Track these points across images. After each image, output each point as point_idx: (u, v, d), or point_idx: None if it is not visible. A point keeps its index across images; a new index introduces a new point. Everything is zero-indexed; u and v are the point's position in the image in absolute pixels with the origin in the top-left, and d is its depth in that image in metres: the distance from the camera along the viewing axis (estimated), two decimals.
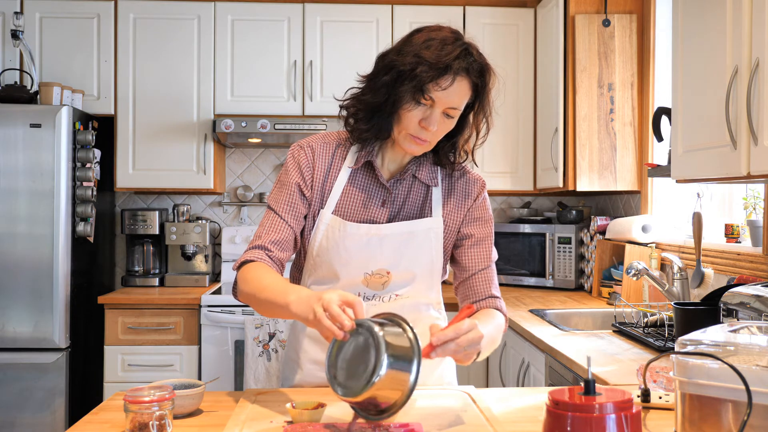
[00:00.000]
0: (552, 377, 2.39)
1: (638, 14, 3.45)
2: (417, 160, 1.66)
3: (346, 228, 1.61)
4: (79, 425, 1.42)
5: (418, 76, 1.47)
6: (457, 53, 1.49)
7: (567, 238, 3.71)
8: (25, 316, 3.29)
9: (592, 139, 3.40)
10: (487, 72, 1.57)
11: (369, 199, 1.64)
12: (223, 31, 3.79)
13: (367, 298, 1.63)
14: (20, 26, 3.53)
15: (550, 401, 1.12)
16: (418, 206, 1.66)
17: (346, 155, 1.65)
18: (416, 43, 1.51)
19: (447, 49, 1.49)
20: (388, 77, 1.51)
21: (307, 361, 1.69)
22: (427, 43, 1.49)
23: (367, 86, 1.57)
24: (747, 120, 1.84)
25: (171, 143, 3.77)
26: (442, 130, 1.56)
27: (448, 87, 1.49)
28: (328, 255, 1.62)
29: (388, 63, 1.52)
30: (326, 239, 1.62)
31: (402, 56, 1.50)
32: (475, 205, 1.70)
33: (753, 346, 1.17)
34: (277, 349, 3.29)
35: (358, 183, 1.64)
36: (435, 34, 1.52)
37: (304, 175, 1.63)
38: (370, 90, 1.56)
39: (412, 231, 1.63)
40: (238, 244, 4.00)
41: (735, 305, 1.91)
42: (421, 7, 3.83)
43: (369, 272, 1.62)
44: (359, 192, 1.64)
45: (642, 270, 2.69)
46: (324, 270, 1.63)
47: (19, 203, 3.30)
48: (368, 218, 1.63)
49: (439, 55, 1.47)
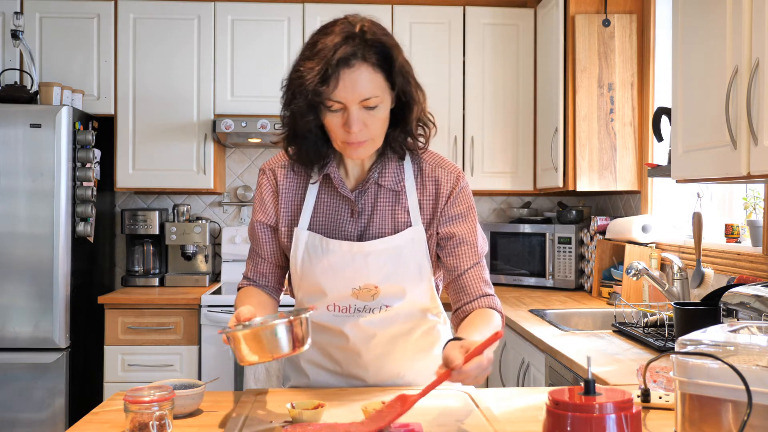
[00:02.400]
0: (552, 377, 2.39)
1: (638, 14, 3.45)
2: (379, 163, 1.58)
3: (327, 245, 1.56)
4: (79, 425, 1.42)
5: (306, 88, 1.39)
6: (333, 45, 1.38)
7: (567, 238, 3.71)
8: (25, 316, 3.29)
9: (592, 139, 3.40)
10: (386, 45, 1.43)
11: (337, 213, 1.59)
12: (223, 31, 3.79)
13: (358, 310, 1.59)
14: (20, 26, 3.53)
15: (550, 401, 1.12)
16: (390, 214, 1.58)
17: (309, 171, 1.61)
18: (297, 58, 1.45)
19: (320, 46, 1.40)
20: (288, 99, 1.46)
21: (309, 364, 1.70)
22: (304, 51, 1.43)
23: (283, 115, 1.52)
24: (747, 120, 1.84)
25: (171, 143, 3.77)
26: (372, 124, 1.46)
27: (340, 84, 1.39)
28: (312, 272, 1.58)
29: (284, 86, 1.47)
30: (308, 256, 1.58)
31: (289, 75, 1.45)
32: (450, 202, 1.59)
33: (753, 346, 1.17)
34: None
35: (324, 197, 1.60)
36: (314, 38, 1.44)
37: (266, 208, 1.63)
38: (284, 118, 1.51)
39: (397, 246, 1.56)
40: (238, 244, 4.00)
41: (735, 305, 1.91)
42: (420, 7, 3.84)
43: (357, 287, 1.57)
44: (327, 206, 1.60)
45: (642, 270, 2.69)
46: (310, 285, 1.60)
47: (19, 203, 3.30)
48: (342, 232, 1.58)
49: (313, 56, 1.40)
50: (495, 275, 3.91)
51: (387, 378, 1.67)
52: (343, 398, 1.54)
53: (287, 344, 1.29)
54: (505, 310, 3.04)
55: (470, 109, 3.86)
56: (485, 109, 3.88)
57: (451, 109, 3.85)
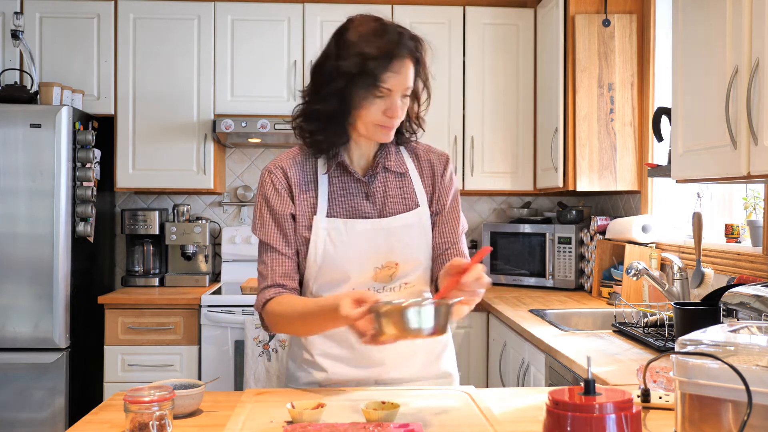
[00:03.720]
0: (552, 377, 2.39)
1: (638, 14, 3.45)
2: (383, 150, 1.71)
3: (353, 226, 1.63)
4: (79, 425, 1.42)
5: (371, 72, 1.52)
6: (395, 38, 1.55)
7: (567, 238, 3.71)
8: (25, 316, 3.29)
9: (592, 139, 3.40)
10: (421, 43, 1.61)
11: (353, 197, 1.67)
12: (223, 31, 3.79)
13: (377, 291, 1.65)
14: (20, 26, 3.53)
15: (550, 401, 1.12)
16: (400, 195, 1.70)
17: (315, 164, 1.68)
18: (352, 42, 1.56)
19: (386, 37, 1.55)
20: (339, 83, 1.55)
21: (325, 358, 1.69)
22: (363, 39, 1.55)
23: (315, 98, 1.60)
24: (747, 120, 1.84)
25: (171, 143, 3.77)
26: (403, 112, 1.62)
27: (400, 71, 1.54)
28: (335, 257, 1.63)
29: (333, 70, 1.56)
30: (331, 243, 1.62)
31: (345, 59, 1.54)
32: (443, 182, 1.74)
33: (753, 346, 1.17)
34: (277, 349, 3.29)
35: (337, 185, 1.67)
36: (363, 28, 1.58)
37: (283, 198, 1.65)
38: (319, 101, 1.59)
39: (410, 223, 1.68)
40: (238, 244, 4.00)
41: (735, 305, 1.91)
42: (420, 6, 3.84)
43: (379, 266, 1.64)
44: (342, 193, 1.67)
45: (642, 270, 2.69)
46: (332, 273, 1.64)
47: (19, 203, 3.30)
48: (362, 213, 1.66)
49: (381, 46, 1.53)
50: (495, 275, 3.91)
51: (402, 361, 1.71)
52: (343, 398, 1.54)
53: (434, 325, 1.33)
54: (505, 310, 3.04)
55: (470, 109, 3.86)
56: (485, 109, 3.88)
57: (451, 109, 3.85)
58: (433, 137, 3.85)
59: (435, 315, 1.32)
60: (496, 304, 3.24)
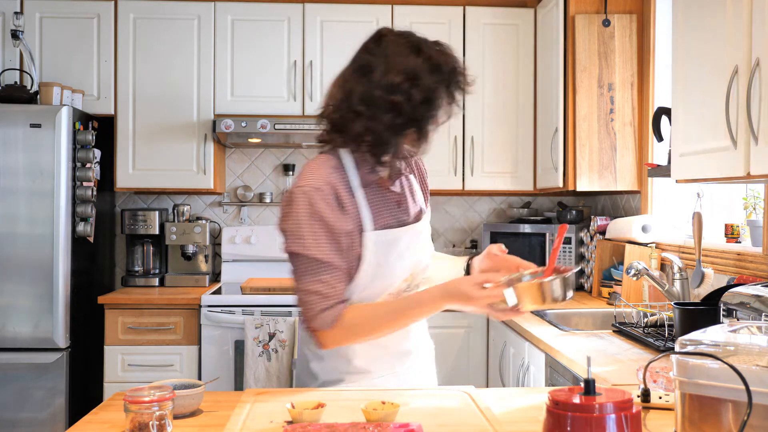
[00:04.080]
0: (552, 377, 2.39)
1: (638, 14, 3.45)
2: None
3: (396, 236, 1.64)
4: (79, 425, 1.42)
5: (458, 84, 1.61)
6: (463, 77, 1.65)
7: (567, 238, 3.71)
8: (25, 316, 3.29)
9: (592, 139, 3.40)
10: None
11: (389, 206, 1.68)
12: (223, 31, 3.79)
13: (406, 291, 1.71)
14: (20, 26, 3.53)
15: (550, 401, 1.12)
16: (413, 198, 1.76)
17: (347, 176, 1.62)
18: (437, 60, 1.60)
19: (454, 56, 1.66)
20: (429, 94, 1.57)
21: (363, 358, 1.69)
22: (442, 55, 1.62)
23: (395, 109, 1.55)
24: (747, 120, 1.84)
25: (171, 143, 3.77)
26: None
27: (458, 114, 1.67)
28: (386, 268, 1.63)
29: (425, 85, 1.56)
30: (383, 255, 1.62)
31: (434, 74, 1.57)
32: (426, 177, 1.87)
33: (753, 346, 1.17)
34: (277, 349, 3.29)
35: (373, 195, 1.65)
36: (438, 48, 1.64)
37: (339, 215, 1.58)
38: (399, 114, 1.55)
39: (426, 223, 1.77)
40: (238, 244, 4.00)
41: (735, 305, 1.91)
42: (421, 7, 3.84)
43: (419, 269, 1.72)
44: (381, 202, 1.66)
45: (642, 270, 2.69)
46: (381, 283, 1.64)
47: (19, 203, 3.30)
48: (401, 222, 1.69)
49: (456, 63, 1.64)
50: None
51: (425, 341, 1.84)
52: (343, 398, 1.54)
53: (564, 294, 1.51)
54: None
55: (470, 109, 3.86)
56: (485, 109, 3.88)
57: None
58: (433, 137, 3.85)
59: (569, 285, 1.52)
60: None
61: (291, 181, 4.15)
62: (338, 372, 1.70)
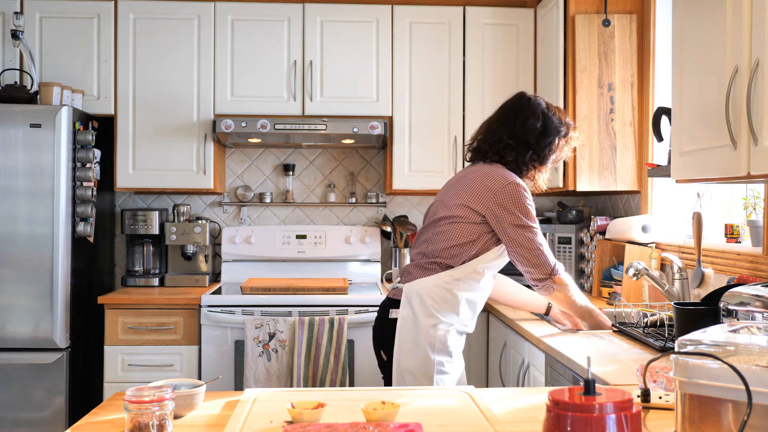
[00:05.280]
0: (552, 377, 2.39)
1: (638, 14, 3.45)
2: None
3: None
4: (79, 425, 1.42)
5: (568, 136, 2.50)
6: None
7: (567, 238, 3.71)
8: (25, 316, 3.29)
9: (592, 139, 3.40)
10: None
11: None
12: (223, 31, 3.79)
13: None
14: (20, 26, 3.53)
15: (550, 401, 1.12)
16: None
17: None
18: (558, 117, 2.47)
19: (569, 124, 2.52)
20: (555, 142, 2.47)
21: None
22: (561, 113, 2.49)
23: (540, 143, 2.44)
24: (747, 120, 1.84)
25: (171, 143, 3.77)
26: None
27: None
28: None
29: (553, 127, 2.46)
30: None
31: (559, 125, 2.47)
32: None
33: (753, 346, 1.17)
34: (277, 349, 3.29)
35: None
36: (556, 107, 2.51)
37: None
38: (544, 147, 2.45)
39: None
40: (238, 244, 4.00)
41: (735, 305, 1.91)
42: (421, 7, 3.84)
43: None
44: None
45: (642, 270, 2.69)
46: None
47: (19, 203, 3.30)
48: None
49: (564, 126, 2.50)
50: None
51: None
52: (343, 398, 1.54)
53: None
54: (505, 310, 3.04)
55: (470, 109, 3.86)
56: (485, 110, 3.88)
57: (451, 109, 3.85)
58: (433, 137, 3.86)
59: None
60: (496, 304, 3.24)
61: (291, 181, 4.16)
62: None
